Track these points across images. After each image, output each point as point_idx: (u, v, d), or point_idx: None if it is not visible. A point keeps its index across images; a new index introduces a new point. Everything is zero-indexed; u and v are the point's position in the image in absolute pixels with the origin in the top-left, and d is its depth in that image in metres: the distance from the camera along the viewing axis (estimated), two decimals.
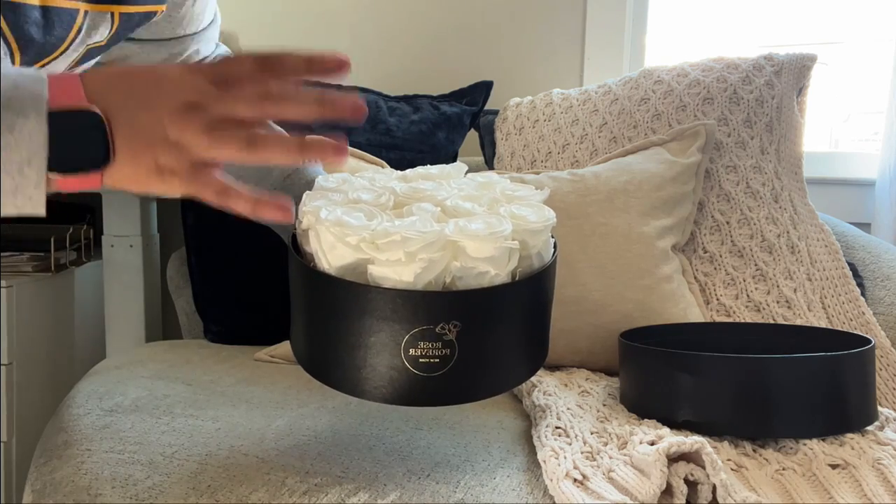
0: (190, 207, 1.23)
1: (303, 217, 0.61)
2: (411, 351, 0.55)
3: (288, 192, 0.75)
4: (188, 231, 1.23)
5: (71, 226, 1.39)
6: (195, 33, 0.75)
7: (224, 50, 0.86)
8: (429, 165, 0.72)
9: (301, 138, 0.49)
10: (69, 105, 0.45)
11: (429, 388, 0.57)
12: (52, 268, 1.31)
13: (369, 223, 0.57)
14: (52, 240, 1.30)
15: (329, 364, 0.60)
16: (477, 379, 0.59)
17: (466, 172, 0.72)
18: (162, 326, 1.45)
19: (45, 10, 0.50)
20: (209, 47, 0.82)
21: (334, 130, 0.49)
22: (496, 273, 0.56)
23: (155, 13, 0.61)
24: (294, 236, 0.65)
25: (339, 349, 0.58)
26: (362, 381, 0.58)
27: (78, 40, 0.54)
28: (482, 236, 0.55)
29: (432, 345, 0.55)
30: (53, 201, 1.50)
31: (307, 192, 0.63)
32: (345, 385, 0.59)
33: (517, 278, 0.59)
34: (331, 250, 0.57)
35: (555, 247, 0.66)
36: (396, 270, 0.54)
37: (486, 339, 0.57)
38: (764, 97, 1.15)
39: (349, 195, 0.62)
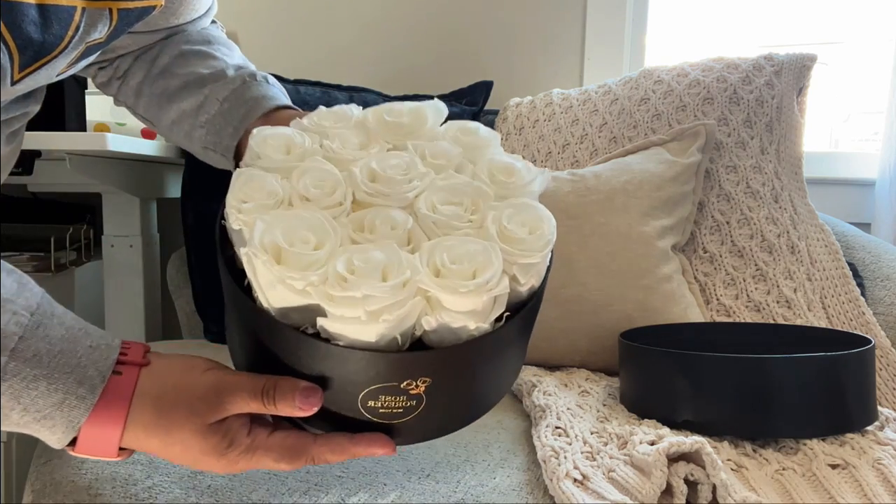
0: (190, 207, 1.23)
1: (231, 212, 0.49)
2: (370, 403, 0.48)
3: (226, 117, 0.68)
4: (188, 231, 1.23)
5: (71, 226, 1.39)
6: (186, 23, 0.74)
7: (241, 57, 0.83)
8: (400, 103, 0.57)
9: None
10: (98, 448, 0.49)
11: (390, 433, 0.51)
12: (52, 268, 1.31)
13: (318, 256, 0.45)
14: (52, 240, 1.30)
15: None
16: (444, 420, 0.53)
17: (446, 119, 0.58)
18: (162, 326, 1.45)
19: (42, 9, 0.49)
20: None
21: None
22: (476, 326, 0.46)
23: (153, 7, 0.60)
24: (223, 227, 0.52)
25: None
26: (311, 421, 0.51)
27: (77, 38, 0.53)
28: (463, 292, 0.44)
29: (395, 399, 0.48)
30: (53, 201, 1.49)
31: (238, 170, 0.51)
32: (294, 420, 0.52)
33: (502, 321, 0.48)
34: (270, 289, 0.46)
35: (549, 261, 0.55)
36: (355, 329, 0.45)
37: (459, 388, 0.50)
38: (764, 97, 1.15)
39: (294, 183, 0.50)
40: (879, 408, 0.77)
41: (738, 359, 0.71)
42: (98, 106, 1.27)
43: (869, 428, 0.73)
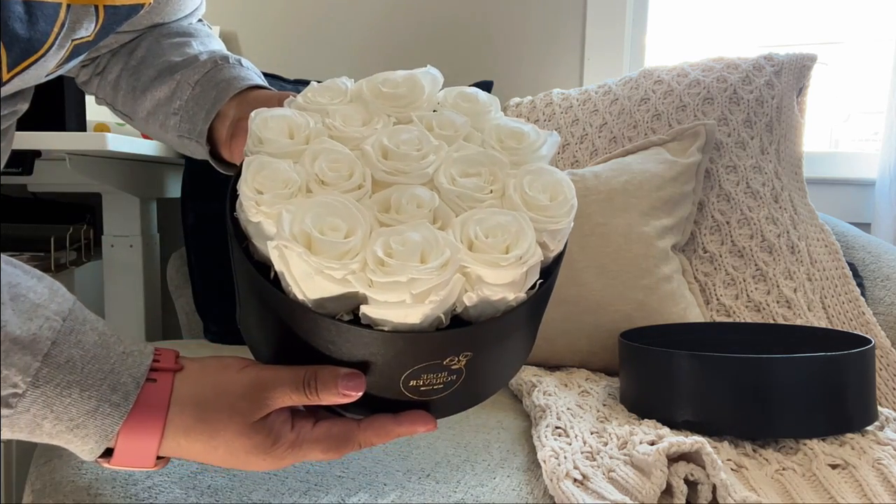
0: (190, 207, 1.23)
1: (248, 204, 0.47)
2: (412, 383, 0.48)
3: (198, 101, 0.67)
4: (188, 231, 1.23)
5: (71, 226, 1.39)
6: (171, 22, 0.73)
7: (220, 45, 0.83)
8: (393, 73, 0.56)
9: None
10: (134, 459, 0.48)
11: (428, 408, 0.51)
12: (52, 268, 1.31)
13: (352, 243, 0.44)
14: (52, 240, 1.30)
15: None
16: (480, 390, 0.53)
17: (442, 87, 0.57)
18: (162, 326, 1.45)
19: (28, 5, 0.49)
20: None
21: None
22: (515, 297, 0.47)
23: (142, 6, 0.59)
24: (235, 220, 0.51)
25: None
26: (350, 407, 0.50)
27: (62, 35, 0.53)
28: (504, 266, 0.45)
29: (437, 376, 0.48)
30: (53, 201, 1.49)
31: (247, 159, 0.49)
32: (332, 407, 0.52)
33: (535, 289, 0.49)
34: (306, 280, 0.45)
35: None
36: (400, 314, 0.44)
37: (496, 358, 0.51)
38: (764, 97, 1.15)
39: (307, 167, 0.48)
40: (879, 408, 0.77)
41: (738, 359, 0.71)
42: (98, 106, 1.27)
43: (869, 428, 0.73)
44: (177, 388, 0.48)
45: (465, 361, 0.48)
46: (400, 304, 0.44)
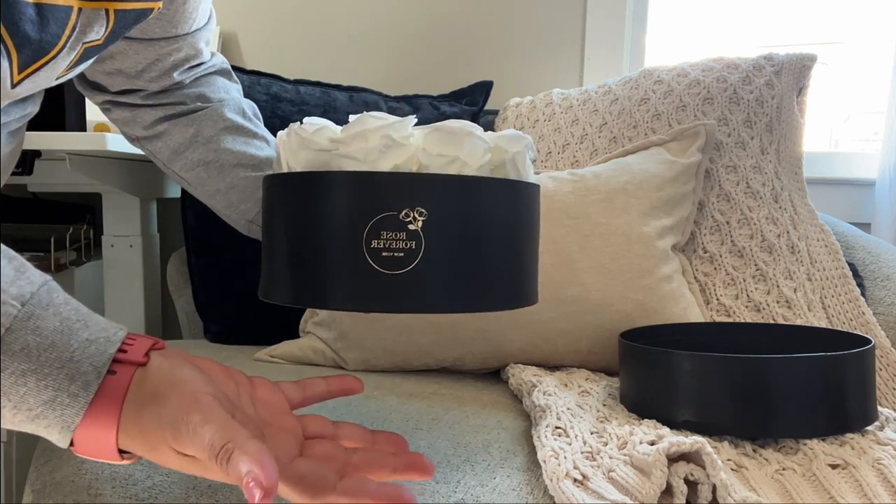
0: (190, 207, 1.23)
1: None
2: (374, 243, 0.52)
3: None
4: (188, 231, 1.22)
5: (71, 226, 1.39)
6: (186, 34, 0.74)
7: (220, 60, 0.83)
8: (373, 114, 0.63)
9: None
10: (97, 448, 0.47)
11: (392, 289, 0.53)
12: (52, 268, 1.31)
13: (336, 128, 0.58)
14: (52, 240, 1.30)
15: (290, 276, 0.56)
16: (445, 284, 0.54)
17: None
18: (162, 326, 1.45)
19: (39, 8, 0.50)
20: (205, 54, 0.79)
21: None
22: (465, 163, 0.54)
23: (151, 10, 0.60)
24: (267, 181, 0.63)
25: (300, 252, 0.55)
26: (323, 287, 0.54)
27: (73, 38, 0.54)
28: (454, 123, 0.55)
29: (396, 235, 0.52)
30: (53, 201, 1.49)
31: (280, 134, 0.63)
32: (306, 295, 0.55)
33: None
34: (293, 155, 0.57)
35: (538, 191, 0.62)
36: (360, 148, 0.54)
37: (455, 235, 0.54)
38: (764, 97, 1.15)
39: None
40: (879, 408, 0.77)
41: (738, 359, 0.71)
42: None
43: (869, 428, 0.73)
44: (132, 389, 0.46)
45: (422, 223, 0.52)
46: (360, 139, 0.54)
